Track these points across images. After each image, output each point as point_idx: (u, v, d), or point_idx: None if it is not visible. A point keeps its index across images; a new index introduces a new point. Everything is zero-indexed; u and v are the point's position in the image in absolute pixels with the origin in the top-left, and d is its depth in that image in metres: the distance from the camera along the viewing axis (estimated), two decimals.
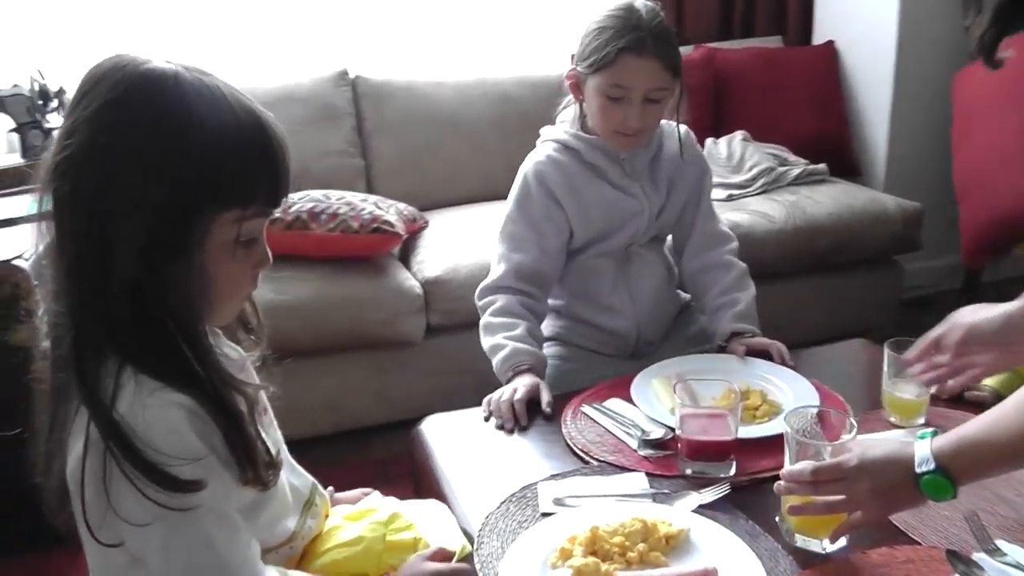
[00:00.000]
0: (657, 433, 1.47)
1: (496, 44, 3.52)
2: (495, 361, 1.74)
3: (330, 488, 1.39)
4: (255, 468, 1.00)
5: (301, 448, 2.57)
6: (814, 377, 1.64)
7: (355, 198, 2.69)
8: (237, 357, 1.10)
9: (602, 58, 1.69)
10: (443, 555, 1.16)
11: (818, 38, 3.66)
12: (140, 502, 0.92)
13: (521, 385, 1.63)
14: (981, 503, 1.27)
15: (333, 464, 2.53)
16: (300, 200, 2.62)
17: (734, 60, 3.45)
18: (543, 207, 1.81)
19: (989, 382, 1.57)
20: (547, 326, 1.92)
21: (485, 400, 1.65)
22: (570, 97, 1.86)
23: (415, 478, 1.58)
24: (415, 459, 1.58)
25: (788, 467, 1.21)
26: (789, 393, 1.59)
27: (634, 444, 1.47)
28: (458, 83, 3.31)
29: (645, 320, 1.89)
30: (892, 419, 1.50)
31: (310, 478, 1.23)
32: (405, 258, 2.84)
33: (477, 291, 1.84)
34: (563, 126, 1.87)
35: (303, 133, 3.10)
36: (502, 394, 1.63)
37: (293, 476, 1.19)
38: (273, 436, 1.16)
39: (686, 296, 2.00)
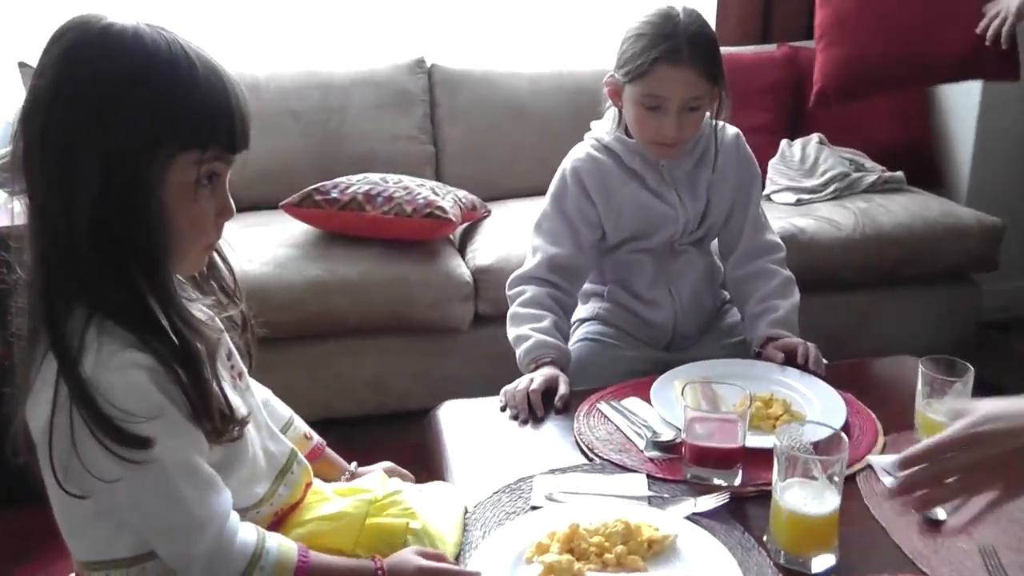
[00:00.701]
0: (667, 435, 1.43)
1: (576, 36, 3.49)
2: (519, 352, 1.74)
3: (354, 463, 1.42)
4: (211, 417, 1.01)
5: (346, 426, 2.62)
6: (852, 390, 1.57)
7: (412, 183, 2.69)
8: (205, 317, 1.11)
9: (636, 68, 1.67)
10: (439, 558, 1.15)
11: None
12: (107, 458, 0.95)
13: (539, 376, 1.62)
14: (1005, 538, 1.19)
15: (374, 444, 2.55)
16: (358, 182, 2.63)
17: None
18: (577, 204, 1.80)
19: None
20: (588, 307, 1.93)
21: (502, 390, 1.63)
22: (613, 115, 1.85)
23: (427, 462, 1.58)
24: (427, 443, 1.58)
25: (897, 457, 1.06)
26: (817, 405, 1.53)
27: (642, 444, 1.43)
28: (534, 74, 3.29)
29: (683, 315, 1.87)
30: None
31: (290, 445, 1.23)
32: (465, 246, 2.84)
33: (508, 281, 1.84)
34: (607, 124, 1.85)
35: (375, 117, 3.15)
36: (518, 384, 1.61)
37: (271, 442, 1.19)
38: (248, 400, 1.17)
39: (726, 293, 1.97)
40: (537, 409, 1.56)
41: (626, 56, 1.69)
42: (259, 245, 2.60)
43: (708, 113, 1.78)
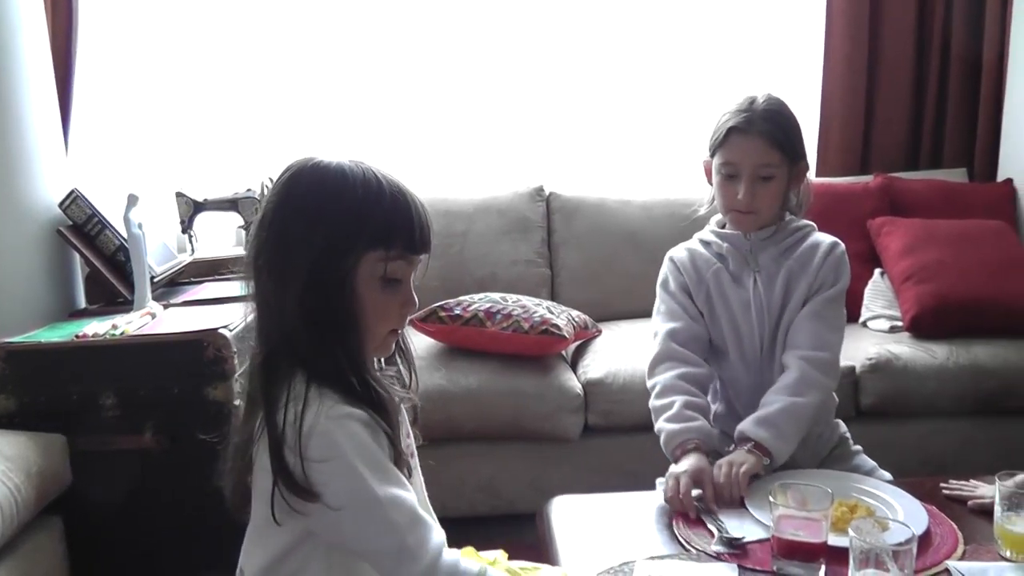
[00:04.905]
0: (737, 533, 1.57)
1: (685, 165, 3.66)
2: (662, 446, 1.85)
3: (469, 548, 1.57)
4: (401, 466, 1.24)
5: (460, 525, 2.80)
6: (936, 503, 1.68)
7: (530, 302, 2.92)
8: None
9: (715, 139, 1.88)
10: None
11: (1003, 174, 3.64)
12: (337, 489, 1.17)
13: (684, 475, 1.70)
14: None
15: (487, 542, 2.69)
16: (479, 300, 2.87)
17: (911, 190, 3.48)
18: (678, 283, 1.99)
19: None
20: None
21: (663, 482, 1.75)
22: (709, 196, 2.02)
23: (539, 549, 1.74)
24: (539, 532, 1.75)
25: None
26: (900, 513, 1.63)
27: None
28: (646, 201, 3.52)
29: None
30: (1005, 553, 1.51)
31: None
32: (577, 362, 3.01)
33: (647, 370, 1.97)
34: (709, 226, 2.03)
35: (497, 242, 3.41)
36: (668, 481, 1.72)
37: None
38: (415, 479, 1.38)
39: (843, 428, 2.05)
40: (690, 511, 1.66)
41: (712, 133, 1.89)
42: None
43: (794, 203, 1.95)
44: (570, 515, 1.75)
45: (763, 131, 1.82)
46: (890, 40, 3.72)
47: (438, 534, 1.24)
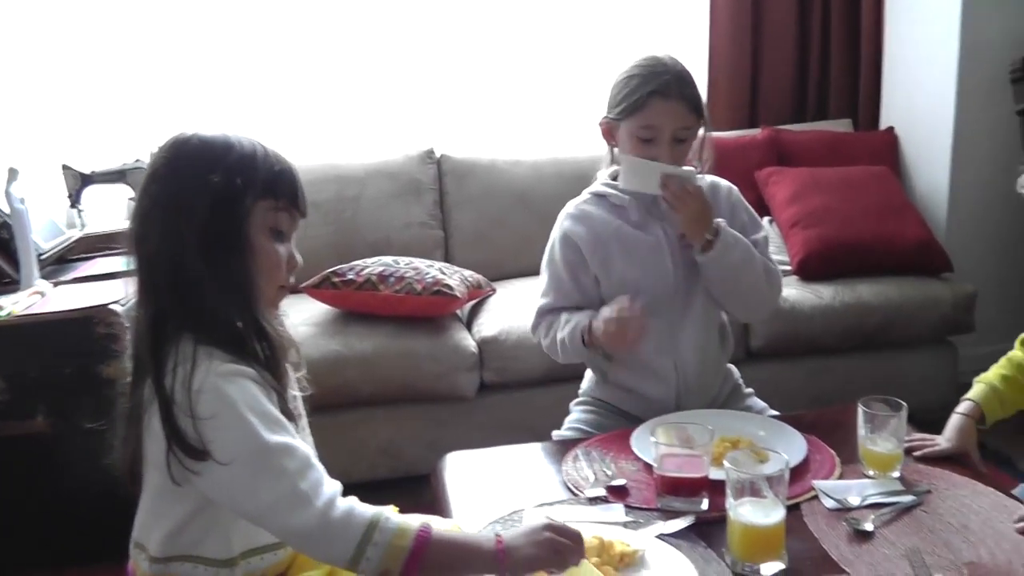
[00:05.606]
0: (613, 481, 1.61)
1: (572, 124, 3.72)
2: (572, 350, 1.89)
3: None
4: (291, 420, 1.25)
5: (361, 490, 2.79)
6: (817, 433, 1.74)
7: (422, 264, 2.92)
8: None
9: (633, 103, 1.81)
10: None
11: (885, 122, 3.77)
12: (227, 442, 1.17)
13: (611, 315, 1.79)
14: (925, 544, 1.37)
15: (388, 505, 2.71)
16: (372, 264, 2.86)
17: (797, 142, 3.59)
18: (564, 259, 1.94)
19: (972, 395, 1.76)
20: (587, 388, 2.05)
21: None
22: (607, 157, 1.98)
23: (433, 504, 1.75)
24: (433, 487, 1.76)
25: None
26: (780, 445, 1.68)
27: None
28: (535, 161, 3.53)
29: (686, 390, 1.93)
30: (868, 472, 1.59)
31: None
32: (472, 321, 3.02)
33: (531, 326, 2.00)
34: (604, 172, 1.99)
35: (389, 205, 3.38)
36: (607, 329, 1.79)
37: None
38: (306, 440, 1.36)
39: (736, 375, 2.07)
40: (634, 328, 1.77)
41: (620, 95, 1.84)
42: None
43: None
44: (463, 470, 1.76)
45: (684, 95, 1.81)
46: None
47: (332, 484, 1.23)
